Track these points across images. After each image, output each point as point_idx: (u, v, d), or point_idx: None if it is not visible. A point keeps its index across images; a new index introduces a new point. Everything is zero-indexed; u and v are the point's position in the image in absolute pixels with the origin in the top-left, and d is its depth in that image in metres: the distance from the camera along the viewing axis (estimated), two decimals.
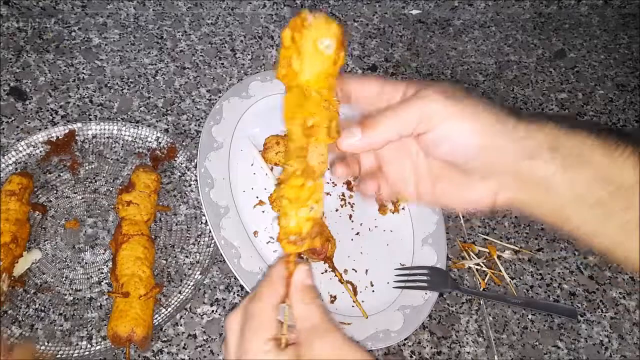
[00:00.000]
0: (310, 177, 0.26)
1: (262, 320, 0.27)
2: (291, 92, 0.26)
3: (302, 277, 0.28)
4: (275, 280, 0.28)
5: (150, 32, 0.64)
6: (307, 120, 0.26)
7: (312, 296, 0.27)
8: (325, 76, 0.26)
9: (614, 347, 0.50)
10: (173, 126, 0.57)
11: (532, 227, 0.57)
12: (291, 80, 0.26)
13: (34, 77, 0.58)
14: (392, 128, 0.26)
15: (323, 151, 0.27)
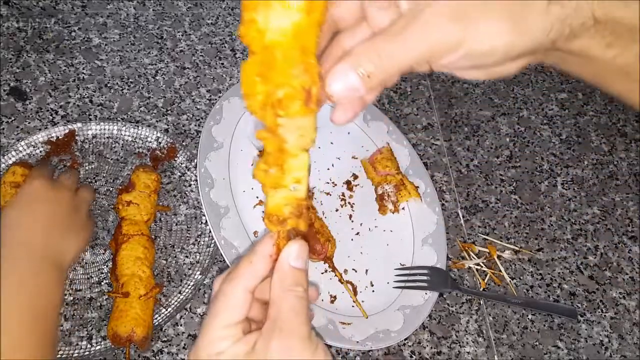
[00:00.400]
0: (285, 157, 0.22)
1: (227, 302, 0.24)
2: (251, 59, 0.20)
3: (290, 256, 0.24)
4: (256, 259, 0.24)
5: (150, 32, 0.64)
6: (273, 92, 0.20)
7: (293, 282, 0.24)
8: (298, 33, 0.19)
9: (614, 347, 0.50)
10: (173, 126, 0.57)
11: (532, 227, 0.57)
12: (255, 41, 0.20)
13: (34, 77, 0.58)
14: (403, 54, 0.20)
15: (302, 123, 0.21)
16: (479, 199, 0.58)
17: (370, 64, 0.20)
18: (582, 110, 0.68)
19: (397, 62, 0.20)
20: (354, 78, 0.20)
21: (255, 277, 0.24)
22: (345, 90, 0.20)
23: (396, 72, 0.20)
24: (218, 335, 0.24)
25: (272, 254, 0.24)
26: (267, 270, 0.25)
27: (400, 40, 0.20)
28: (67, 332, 0.43)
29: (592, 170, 0.62)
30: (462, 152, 0.61)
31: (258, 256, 0.25)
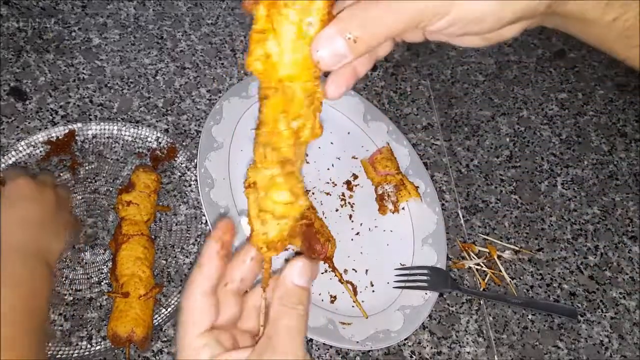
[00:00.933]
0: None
1: (190, 312, 0.23)
2: (274, 96, 0.21)
3: (294, 273, 0.23)
4: (204, 262, 0.24)
5: (151, 32, 0.64)
6: (290, 124, 0.21)
7: (295, 300, 0.23)
8: (311, 65, 0.20)
9: (614, 347, 0.50)
10: (173, 126, 0.57)
11: (532, 227, 0.57)
12: (269, 75, 0.20)
13: (34, 77, 0.58)
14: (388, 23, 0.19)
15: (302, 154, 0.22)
16: (479, 199, 0.58)
17: (356, 28, 0.19)
18: (582, 110, 0.68)
19: (384, 27, 0.19)
20: (340, 43, 0.19)
21: (207, 278, 0.24)
22: (332, 57, 0.19)
23: (384, 37, 0.20)
24: (190, 347, 0.23)
25: (218, 250, 0.24)
26: (218, 269, 0.24)
27: (387, 4, 0.19)
28: (67, 332, 0.43)
29: (592, 170, 0.62)
30: (462, 152, 0.61)
31: (205, 258, 0.24)
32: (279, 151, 0.22)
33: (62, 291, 0.45)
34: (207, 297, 0.24)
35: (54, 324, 0.43)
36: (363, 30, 0.19)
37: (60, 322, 0.43)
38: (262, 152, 0.22)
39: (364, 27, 0.19)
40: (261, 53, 0.20)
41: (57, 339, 0.42)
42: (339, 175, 0.55)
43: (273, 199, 0.23)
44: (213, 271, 0.24)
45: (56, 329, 0.43)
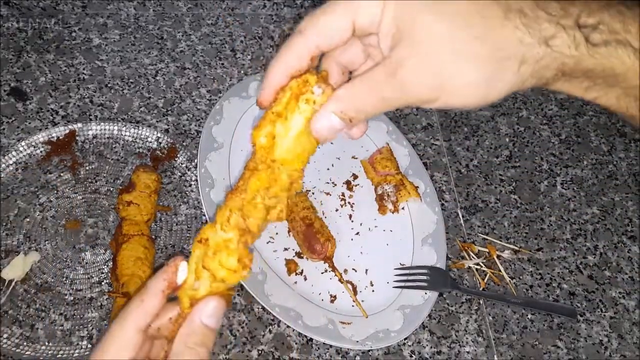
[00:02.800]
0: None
1: (115, 343, 0.22)
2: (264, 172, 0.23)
3: (204, 313, 0.22)
4: (147, 297, 0.23)
5: (151, 32, 0.64)
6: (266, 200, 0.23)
7: (200, 341, 0.22)
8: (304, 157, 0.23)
9: (613, 347, 0.50)
10: (173, 126, 0.57)
11: (531, 227, 0.57)
12: (267, 152, 0.23)
13: (34, 77, 0.58)
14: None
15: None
16: (478, 198, 0.58)
17: (352, 111, 0.22)
18: (581, 110, 0.68)
19: (376, 110, 0.22)
20: (336, 121, 0.22)
21: (146, 314, 0.23)
22: (329, 132, 0.22)
23: (376, 114, 0.22)
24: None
25: (164, 289, 0.23)
26: (158, 307, 0.24)
27: (379, 93, 0.21)
28: (67, 332, 0.43)
29: (591, 170, 0.62)
30: (462, 152, 0.61)
31: (149, 293, 0.23)
32: (247, 220, 0.23)
33: (63, 291, 0.45)
34: (139, 333, 0.23)
35: (55, 324, 0.43)
36: (358, 113, 0.22)
37: (60, 321, 0.44)
38: (228, 214, 0.23)
39: (358, 112, 0.22)
40: (269, 131, 0.23)
41: (58, 338, 0.42)
42: (339, 175, 0.55)
43: (220, 261, 0.23)
44: (154, 309, 0.23)
45: (57, 329, 0.43)
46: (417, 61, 0.21)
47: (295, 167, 0.23)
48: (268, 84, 0.22)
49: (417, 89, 0.21)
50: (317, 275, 0.48)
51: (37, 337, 0.42)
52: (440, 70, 0.21)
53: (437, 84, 0.21)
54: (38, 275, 0.46)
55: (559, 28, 0.20)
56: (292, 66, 0.22)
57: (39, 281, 0.45)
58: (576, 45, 0.20)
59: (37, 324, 0.43)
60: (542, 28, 0.20)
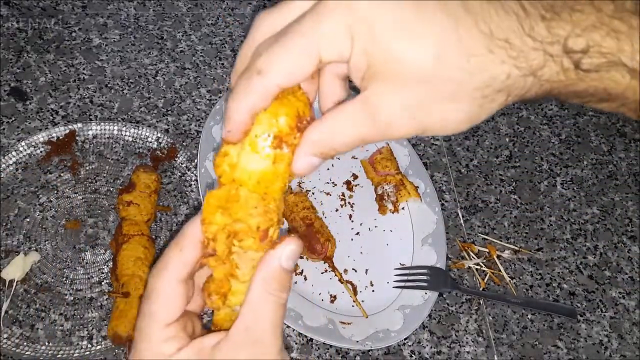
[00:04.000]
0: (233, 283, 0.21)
1: (159, 300, 0.21)
2: (217, 191, 0.21)
3: (283, 256, 0.21)
4: (185, 245, 0.21)
5: (151, 32, 0.64)
6: (231, 225, 0.21)
7: (280, 286, 0.21)
8: (262, 179, 0.20)
9: (613, 347, 0.50)
10: (173, 126, 0.57)
11: (531, 227, 0.57)
12: (225, 174, 0.21)
13: (34, 77, 0.58)
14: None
15: (255, 256, 0.21)
16: (478, 198, 0.58)
17: (329, 150, 0.21)
18: (581, 110, 0.68)
19: (355, 146, 0.21)
20: (314, 160, 0.21)
21: (186, 265, 0.21)
22: (307, 169, 0.21)
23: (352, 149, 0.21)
24: (157, 338, 0.21)
25: (202, 240, 0.22)
26: (197, 257, 0.22)
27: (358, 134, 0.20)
28: (67, 332, 0.43)
29: (591, 170, 0.62)
30: (462, 152, 0.61)
31: (187, 241, 0.22)
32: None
33: (63, 291, 0.45)
34: (182, 284, 0.21)
35: (55, 324, 0.43)
36: (336, 152, 0.21)
37: (60, 321, 0.44)
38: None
39: (336, 151, 0.21)
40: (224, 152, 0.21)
41: (58, 338, 0.42)
42: (339, 175, 0.55)
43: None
44: (194, 256, 0.22)
45: (57, 329, 0.43)
46: (398, 102, 0.19)
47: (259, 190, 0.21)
48: (234, 125, 0.20)
49: (400, 131, 0.20)
50: (317, 275, 0.48)
51: (37, 337, 0.42)
52: (422, 113, 0.19)
53: (420, 126, 0.20)
54: (38, 276, 0.46)
55: (547, 57, 0.18)
56: (254, 106, 0.20)
57: (39, 281, 0.45)
58: (564, 71, 0.18)
59: (37, 324, 0.43)
60: (529, 59, 0.18)
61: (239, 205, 0.21)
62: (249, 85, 0.20)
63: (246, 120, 0.20)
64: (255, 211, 0.21)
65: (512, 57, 0.18)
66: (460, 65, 0.18)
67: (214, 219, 0.21)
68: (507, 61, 0.18)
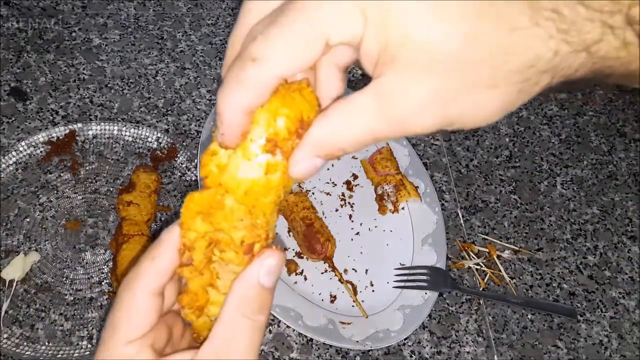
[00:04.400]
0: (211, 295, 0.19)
1: (127, 312, 0.19)
2: (200, 194, 0.18)
3: (262, 271, 0.18)
4: (160, 254, 0.19)
5: (151, 32, 0.64)
6: (213, 233, 0.19)
7: (257, 307, 0.18)
8: (251, 191, 0.18)
9: (613, 347, 0.50)
10: (173, 126, 0.57)
11: (531, 227, 0.57)
12: (212, 176, 0.18)
13: (34, 77, 0.58)
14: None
15: (237, 269, 0.19)
16: (478, 198, 0.58)
17: (334, 151, 0.17)
18: (581, 110, 0.68)
19: (366, 145, 0.17)
20: (316, 162, 0.17)
21: (159, 275, 0.19)
22: (308, 172, 0.18)
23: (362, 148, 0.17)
24: (118, 354, 0.19)
25: (180, 247, 0.20)
26: (174, 266, 0.20)
27: (369, 131, 0.16)
28: (67, 332, 0.43)
29: (591, 170, 0.62)
30: (462, 152, 0.61)
31: (162, 249, 0.20)
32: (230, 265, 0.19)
33: (63, 291, 0.45)
34: (154, 297, 0.19)
35: (55, 324, 0.43)
36: (342, 152, 0.17)
37: (60, 321, 0.44)
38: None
39: (343, 150, 0.17)
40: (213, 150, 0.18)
41: (58, 338, 0.42)
42: (339, 175, 0.55)
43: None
44: (168, 266, 0.19)
45: (57, 329, 0.43)
46: (420, 92, 0.15)
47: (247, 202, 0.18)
48: (227, 127, 0.17)
49: (422, 125, 0.16)
50: (317, 275, 0.48)
51: (37, 337, 0.42)
52: (450, 104, 0.16)
53: (446, 120, 0.16)
54: (38, 276, 0.46)
55: (604, 30, 0.14)
56: (249, 102, 0.17)
57: (39, 281, 0.45)
58: (626, 46, 0.15)
59: (37, 324, 0.43)
60: (582, 32, 0.14)
61: (223, 214, 0.18)
62: (242, 76, 0.16)
63: (240, 120, 0.17)
64: (241, 224, 0.18)
65: (562, 30, 0.14)
66: (499, 44, 0.14)
67: (193, 225, 0.19)
68: (556, 35, 0.15)
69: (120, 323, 0.19)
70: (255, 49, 0.16)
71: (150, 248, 0.20)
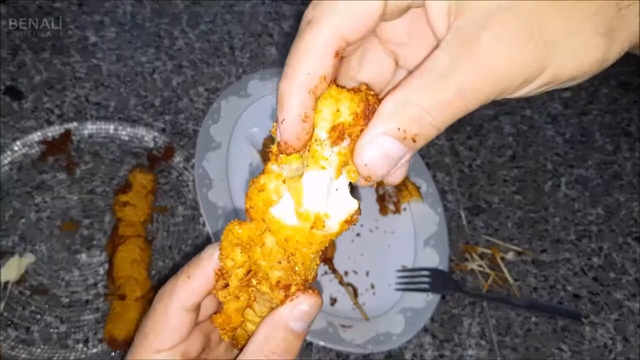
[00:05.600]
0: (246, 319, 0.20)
1: (158, 324, 0.19)
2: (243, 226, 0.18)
3: (292, 317, 0.18)
4: (195, 275, 0.20)
5: (148, 30, 0.63)
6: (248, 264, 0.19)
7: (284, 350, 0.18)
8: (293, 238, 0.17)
9: (618, 350, 0.49)
10: (170, 125, 0.56)
11: (535, 228, 0.56)
12: (258, 210, 0.18)
13: (29, 75, 0.57)
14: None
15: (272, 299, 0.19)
16: (481, 199, 0.57)
17: (413, 124, 0.14)
18: (586, 109, 0.67)
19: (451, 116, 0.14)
20: (392, 145, 0.14)
21: (192, 294, 0.20)
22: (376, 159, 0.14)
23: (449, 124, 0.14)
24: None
25: (217, 269, 0.20)
26: (208, 288, 0.20)
27: (453, 86, 0.13)
28: (63, 335, 0.42)
29: (596, 170, 0.61)
30: (465, 152, 0.60)
31: (198, 271, 0.20)
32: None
33: (58, 293, 0.44)
34: (186, 313, 0.20)
35: (50, 327, 0.43)
36: (423, 127, 0.14)
37: (56, 324, 0.43)
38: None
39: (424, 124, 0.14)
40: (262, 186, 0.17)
41: (53, 341, 0.42)
42: None
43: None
44: (203, 286, 0.20)
45: (52, 332, 0.42)
46: (515, 37, 0.13)
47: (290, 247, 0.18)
48: (289, 112, 0.14)
49: (523, 74, 0.13)
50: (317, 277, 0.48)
51: (32, 339, 0.42)
52: (553, 49, 0.13)
53: (551, 72, 0.14)
54: (33, 277, 0.45)
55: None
56: (311, 72, 0.14)
57: (34, 283, 0.44)
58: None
59: (32, 327, 0.42)
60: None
61: (262, 251, 0.18)
62: (299, 44, 0.14)
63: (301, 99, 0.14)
64: (279, 266, 0.18)
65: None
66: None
67: (232, 255, 0.19)
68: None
69: (151, 333, 0.20)
70: (308, 12, 0.15)
71: (187, 266, 0.20)
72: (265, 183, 0.17)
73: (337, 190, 0.16)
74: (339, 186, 0.16)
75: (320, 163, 0.16)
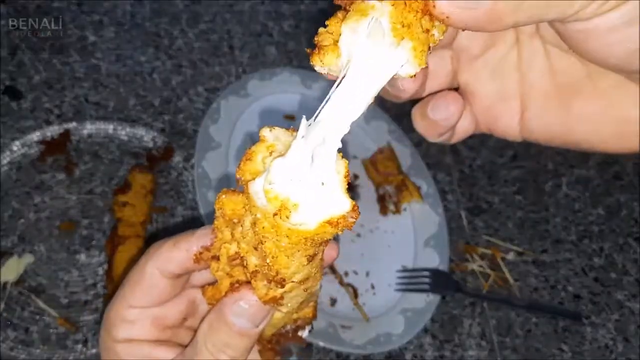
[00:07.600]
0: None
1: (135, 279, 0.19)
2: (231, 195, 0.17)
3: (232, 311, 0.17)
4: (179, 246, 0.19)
5: (147, 29, 0.63)
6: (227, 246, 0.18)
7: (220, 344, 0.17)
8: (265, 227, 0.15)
9: (619, 350, 0.49)
10: (170, 125, 0.56)
11: (536, 228, 0.56)
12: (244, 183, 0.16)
13: (28, 75, 0.57)
14: None
15: None
16: (482, 199, 0.57)
17: None
18: None
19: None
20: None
21: (171, 262, 0.19)
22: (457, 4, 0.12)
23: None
24: (120, 314, 0.19)
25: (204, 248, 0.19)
26: (187, 264, 0.20)
27: None
28: (62, 336, 0.42)
29: (596, 171, 0.61)
30: (465, 152, 0.60)
31: (184, 244, 0.20)
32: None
33: (57, 293, 0.44)
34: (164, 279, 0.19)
35: (49, 327, 0.43)
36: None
37: (55, 325, 0.43)
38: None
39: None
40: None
41: (52, 342, 0.42)
42: None
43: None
44: (183, 260, 0.19)
45: (51, 332, 0.42)
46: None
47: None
48: None
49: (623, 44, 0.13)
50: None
51: (31, 340, 0.42)
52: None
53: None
54: (32, 278, 0.45)
55: None
56: None
57: (33, 283, 0.44)
58: None
59: (31, 327, 0.42)
60: None
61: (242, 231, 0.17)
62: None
63: None
64: (256, 253, 0.18)
65: None
66: None
67: (222, 229, 0.19)
68: None
69: (127, 287, 0.20)
70: None
71: (182, 234, 0.21)
72: (254, 151, 0.16)
73: (323, 184, 0.14)
74: (329, 179, 0.14)
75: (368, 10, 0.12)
